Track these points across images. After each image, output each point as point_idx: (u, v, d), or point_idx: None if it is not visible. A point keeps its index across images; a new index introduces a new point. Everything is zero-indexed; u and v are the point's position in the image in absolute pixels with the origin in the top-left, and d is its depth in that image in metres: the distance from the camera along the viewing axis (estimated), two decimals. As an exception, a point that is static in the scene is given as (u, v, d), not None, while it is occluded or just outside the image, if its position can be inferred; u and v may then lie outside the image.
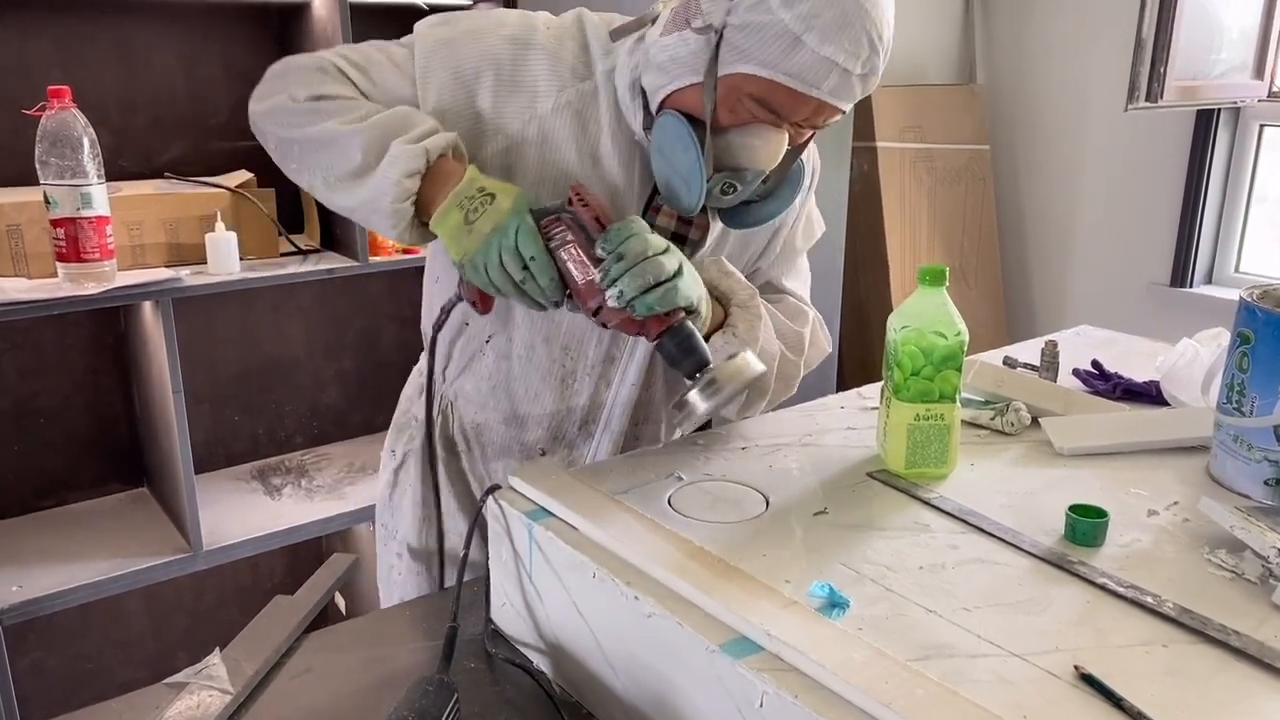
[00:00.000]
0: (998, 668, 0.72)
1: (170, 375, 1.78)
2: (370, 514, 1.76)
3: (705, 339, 1.03)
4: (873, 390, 1.30)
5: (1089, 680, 0.70)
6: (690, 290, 0.99)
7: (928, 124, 3.16)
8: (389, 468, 1.36)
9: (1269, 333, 0.96)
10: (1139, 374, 1.35)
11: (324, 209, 1.94)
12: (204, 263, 1.85)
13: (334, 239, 2.07)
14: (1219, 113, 2.90)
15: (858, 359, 3.23)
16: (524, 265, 0.98)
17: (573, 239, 1.00)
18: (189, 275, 1.81)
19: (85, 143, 1.64)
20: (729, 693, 0.72)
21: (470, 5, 2.12)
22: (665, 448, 1.14)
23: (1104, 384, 1.34)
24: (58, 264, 1.69)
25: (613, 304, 0.96)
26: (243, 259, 1.89)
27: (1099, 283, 3.25)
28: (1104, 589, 0.83)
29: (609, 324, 0.99)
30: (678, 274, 0.98)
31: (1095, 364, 1.38)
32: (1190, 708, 0.69)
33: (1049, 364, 1.36)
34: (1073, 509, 0.91)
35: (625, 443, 1.26)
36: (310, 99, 1.08)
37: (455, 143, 1.05)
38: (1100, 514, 0.91)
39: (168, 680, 0.93)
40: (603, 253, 0.97)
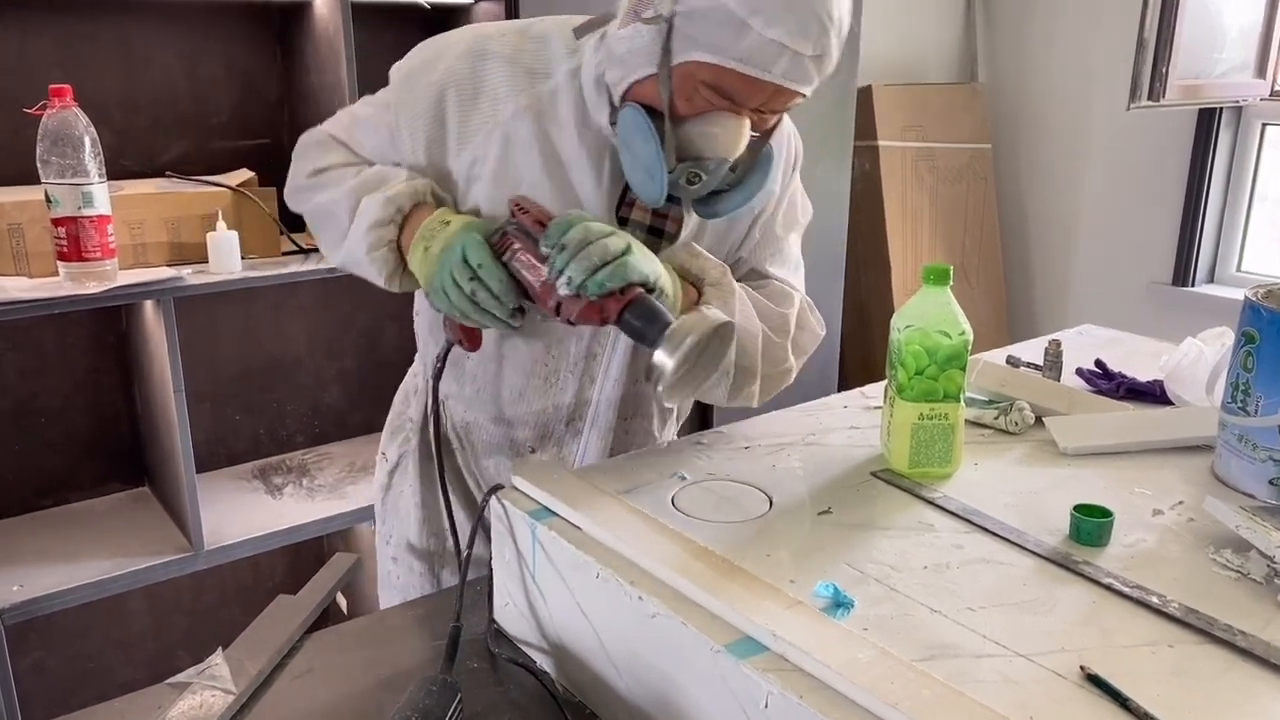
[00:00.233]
0: (1003, 668, 0.72)
1: (172, 374, 1.77)
2: (371, 513, 1.76)
3: None
4: (876, 389, 1.30)
5: (1095, 680, 0.70)
6: (643, 266, 0.99)
7: (929, 123, 3.16)
8: (383, 470, 1.36)
9: (1274, 332, 0.96)
10: (1142, 373, 1.35)
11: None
12: (205, 262, 1.85)
13: (335, 238, 2.06)
14: (1221, 112, 2.90)
15: (859, 358, 3.23)
16: (472, 276, 1.01)
17: (520, 246, 1.02)
18: (190, 274, 1.80)
19: (86, 142, 1.63)
20: (733, 693, 0.72)
21: (471, 5, 2.11)
22: (669, 447, 1.14)
23: (1108, 383, 1.33)
24: (59, 263, 1.68)
25: (564, 291, 0.97)
26: (244, 258, 1.89)
27: (1100, 282, 3.24)
28: (1109, 589, 0.83)
29: (572, 319, 0.99)
30: (626, 252, 0.98)
31: (1099, 363, 1.37)
32: (1196, 708, 0.68)
33: (1053, 363, 1.36)
34: (1077, 509, 0.91)
35: (615, 438, 1.25)
36: (311, 174, 1.19)
37: (427, 189, 1.10)
38: (1105, 514, 0.91)
39: (170, 680, 0.93)
40: (546, 249, 0.98)
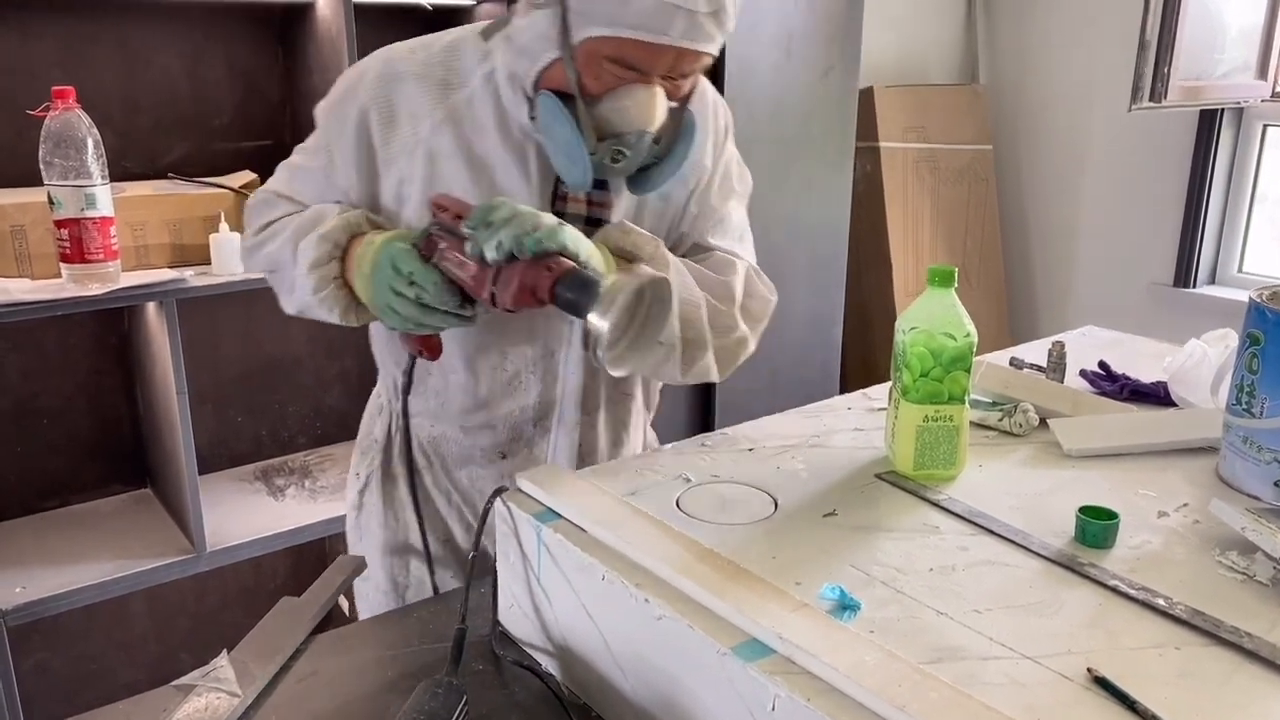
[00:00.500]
0: (1010, 670, 0.72)
1: (174, 376, 1.77)
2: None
3: None
4: (879, 391, 1.30)
5: (1102, 683, 0.70)
6: (572, 237, 0.99)
7: (930, 124, 3.16)
8: (354, 489, 1.36)
9: (1279, 334, 0.96)
10: (1146, 375, 1.35)
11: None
12: (207, 263, 1.85)
13: (337, 239, 2.06)
14: (1222, 113, 2.90)
15: (860, 358, 3.23)
16: (409, 283, 1.02)
17: (446, 245, 1.02)
18: (193, 276, 1.80)
19: (89, 143, 1.64)
20: (740, 695, 0.72)
21: (473, 5, 2.11)
22: (673, 449, 1.14)
23: (1111, 385, 1.33)
24: (62, 265, 1.69)
25: (492, 256, 0.97)
26: (246, 259, 1.89)
27: (1101, 283, 3.24)
28: (1115, 591, 0.83)
29: (508, 304, 0.98)
30: (558, 226, 0.98)
31: (1102, 365, 1.37)
32: (1204, 710, 0.68)
33: (1056, 365, 1.36)
34: (1083, 511, 0.91)
35: (582, 434, 1.25)
36: (257, 232, 1.22)
37: (361, 219, 1.11)
38: (1110, 516, 0.91)
39: (176, 682, 0.93)
40: (470, 230, 0.99)
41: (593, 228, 1.12)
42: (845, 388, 2.74)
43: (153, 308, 1.80)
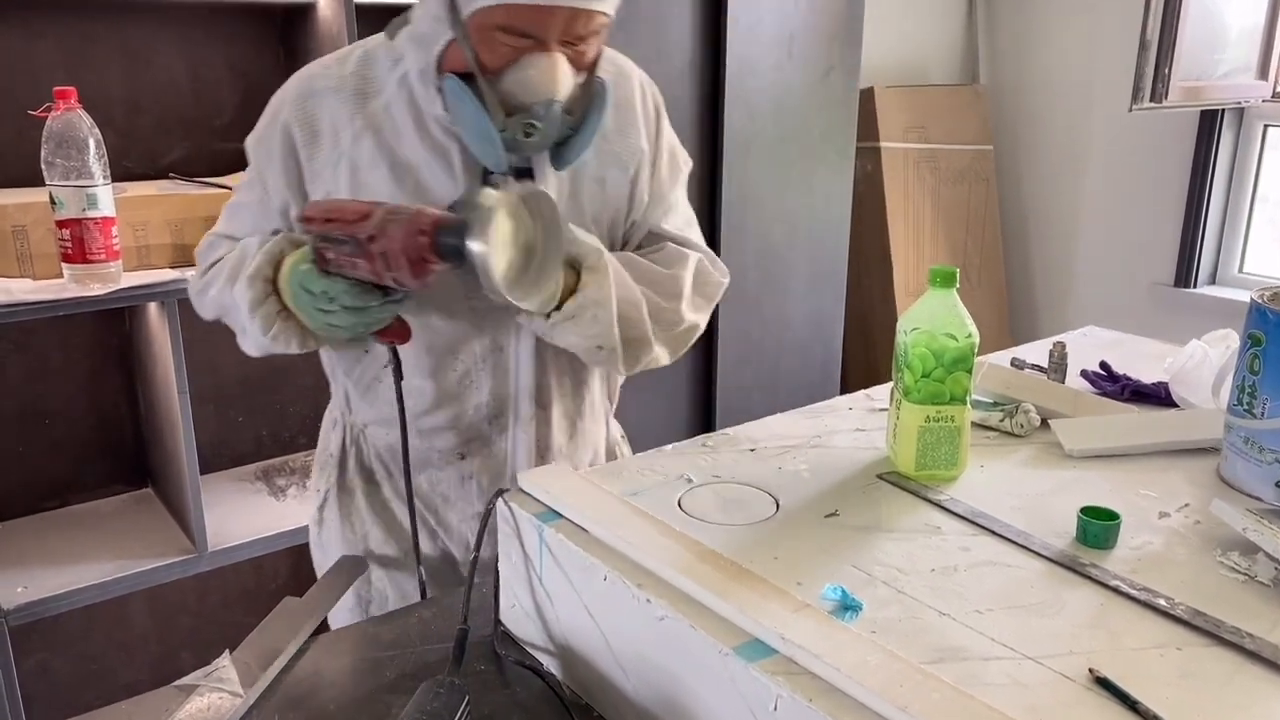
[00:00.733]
0: (1012, 671, 0.72)
1: (175, 376, 1.78)
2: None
3: (558, 307, 1.07)
4: (881, 391, 1.30)
5: (1103, 683, 0.70)
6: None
7: (931, 124, 3.16)
8: (314, 505, 1.35)
9: (1280, 334, 0.96)
10: (1147, 375, 1.35)
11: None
12: (209, 264, 1.85)
13: (338, 240, 2.06)
14: (1223, 113, 2.90)
15: (861, 358, 3.23)
16: (329, 299, 1.03)
17: (332, 253, 1.02)
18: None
19: (91, 144, 1.64)
20: (742, 696, 0.72)
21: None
22: (674, 449, 1.14)
23: (1112, 385, 1.33)
24: (63, 265, 1.69)
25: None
26: (247, 260, 1.89)
27: (1102, 283, 3.24)
28: (1116, 591, 0.83)
29: (411, 282, 0.98)
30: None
31: (1104, 365, 1.38)
32: (1205, 711, 0.68)
33: (1057, 365, 1.36)
34: (1084, 511, 0.91)
35: (539, 428, 1.25)
36: (200, 276, 1.23)
37: (280, 246, 1.11)
38: (1112, 516, 0.91)
39: (178, 683, 0.93)
40: (340, 235, 1.00)
41: None
42: (846, 388, 2.74)
43: (154, 308, 1.81)
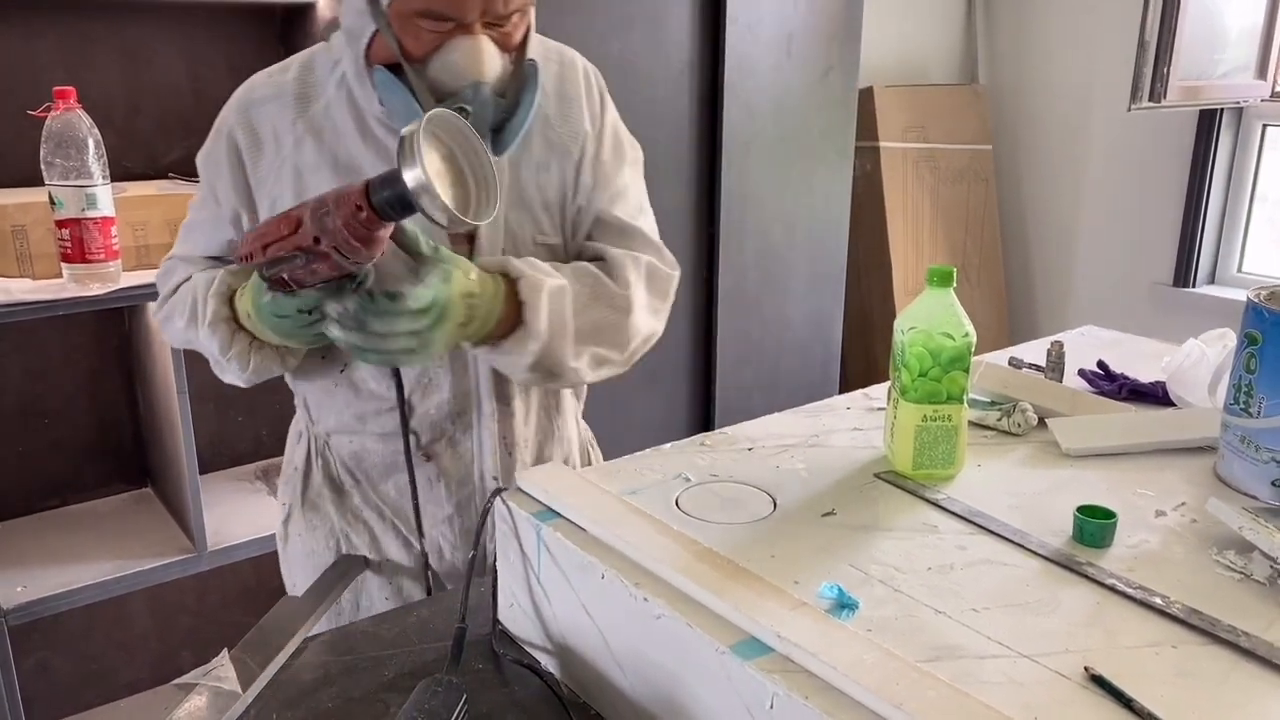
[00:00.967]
0: (1007, 669, 0.72)
1: (175, 375, 1.78)
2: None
3: (493, 339, 1.07)
4: (879, 390, 1.30)
5: (1099, 681, 0.70)
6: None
7: (930, 124, 3.17)
8: (280, 519, 1.34)
9: (1277, 333, 0.96)
10: (1144, 375, 1.35)
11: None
12: (208, 263, 1.85)
13: (338, 239, 2.06)
14: (1222, 113, 2.90)
15: (860, 358, 3.23)
16: (308, 315, 1.03)
17: (287, 271, 1.00)
18: (193, 276, 1.80)
19: (90, 143, 1.64)
20: (739, 694, 0.72)
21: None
22: (673, 448, 1.14)
23: (1110, 385, 1.34)
24: (62, 265, 1.69)
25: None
26: (247, 259, 1.89)
27: (1101, 283, 3.25)
28: (1113, 590, 0.83)
29: (364, 258, 0.95)
30: None
31: (1101, 364, 1.38)
32: (1200, 709, 0.69)
33: (1055, 365, 1.36)
34: (1081, 510, 0.91)
35: (504, 424, 1.22)
36: (163, 301, 1.24)
37: (226, 283, 1.11)
38: (1108, 515, 0.91)
39: (176, 681, 0.93)
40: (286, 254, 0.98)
41: None
42: (845, 387, 2.75)
43: (154, 308, 1.81)
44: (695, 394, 2.51)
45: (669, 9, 2.20)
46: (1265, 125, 2.96)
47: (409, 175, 0.87)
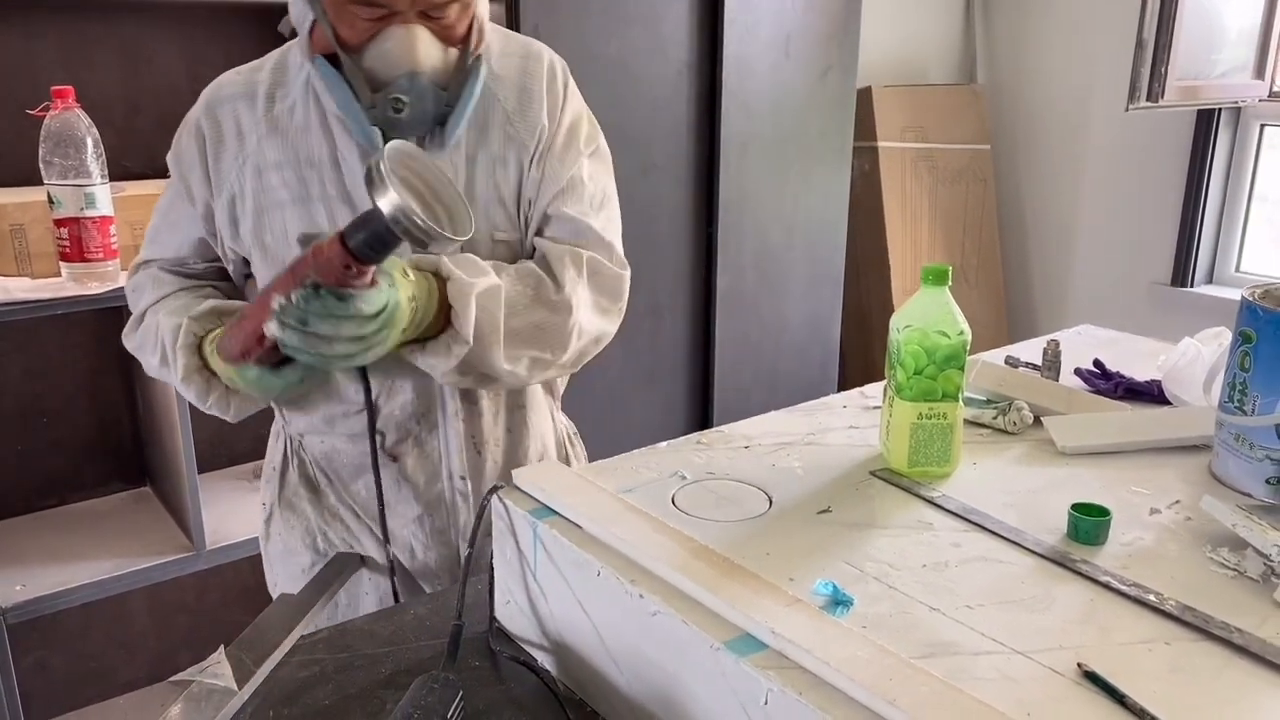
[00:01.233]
0: (1001, 665, 0.72)
1: (173, 375, 1.78)
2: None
3: (420, 339, 1.06)
4: (875, 389, 1.31)
5: (1092, 678, 0.70)
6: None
7: (929, 124, 3.17)
8: (262, 519, 1.33)
9: (1271, 332, 0.97)
10: (1140, 373, 1.35)
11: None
12: (207, 262, 1.85)
13: (336, 239, 2.07)
14: (1220, 112, 2.90)
15: (859, 357, 3.23)
16: (299, 385, 1.05)
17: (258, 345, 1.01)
18: (192, 275, 1.81)
19: (89, 143, 1.64)
20: (734, 690, 0.73)
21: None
22: (669, 446, 1.14)
23: (1106, 383, 1.34)
24: (61, 264, 1.69)
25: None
26: (245, 259, 1.89)
27: (1100, 282, 3.25)
28: (1107, 587, 0.83)
29: (357, 281, 0.94)
30: None
31: (1097, 363, 1.38)
32: (1193, 705, 0.69)
33: (1051, 363, 1.36)
34: (1075, 508, 0.92)
35: (470, 423, 1.21)
36: (134, 325, 1.21)
37: (194, 333, 1.10)
38: (1102, 513, 0.91)
39: (173, 678, 0.93)
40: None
41: None
42: (844, 388, 2.74)
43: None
44: (694, 394, 2.51)
45: (667, 9, 2.20)
46: (1263, 125, 2.96)
47: (383, 202, 0.87)
